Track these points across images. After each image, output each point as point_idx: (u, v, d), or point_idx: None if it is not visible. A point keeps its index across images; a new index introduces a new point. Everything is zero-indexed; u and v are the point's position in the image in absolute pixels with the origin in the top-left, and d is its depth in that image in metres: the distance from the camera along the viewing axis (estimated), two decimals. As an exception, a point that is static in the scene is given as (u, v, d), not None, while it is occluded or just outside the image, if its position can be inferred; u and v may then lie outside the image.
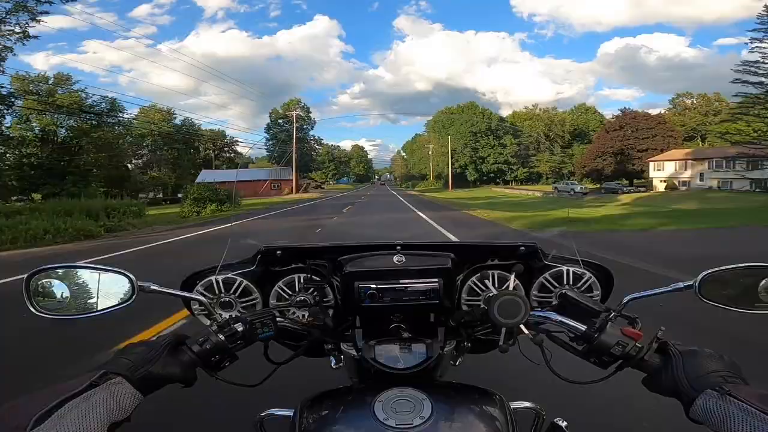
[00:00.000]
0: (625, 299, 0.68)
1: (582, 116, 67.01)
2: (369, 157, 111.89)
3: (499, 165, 65.09)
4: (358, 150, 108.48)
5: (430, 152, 71.80)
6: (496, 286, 0.82)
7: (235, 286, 0.81)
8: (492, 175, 65.60)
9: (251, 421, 0.81)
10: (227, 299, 0.81)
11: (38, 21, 20.23)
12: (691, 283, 0.66)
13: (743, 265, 0.68)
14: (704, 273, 0.67)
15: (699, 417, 0.52)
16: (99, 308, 0.65)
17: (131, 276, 0.65)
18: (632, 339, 0.61)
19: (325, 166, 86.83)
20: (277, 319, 0.70)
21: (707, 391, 0.52)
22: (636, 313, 0.67)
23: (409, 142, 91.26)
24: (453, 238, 8.44)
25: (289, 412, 0.71)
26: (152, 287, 0.66)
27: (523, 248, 0.83)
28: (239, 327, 0.65)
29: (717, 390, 0.51)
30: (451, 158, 65.56)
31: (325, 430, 0.61)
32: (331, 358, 0.87)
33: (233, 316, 0.68)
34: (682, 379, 0.55)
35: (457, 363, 0.86)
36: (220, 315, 0.75)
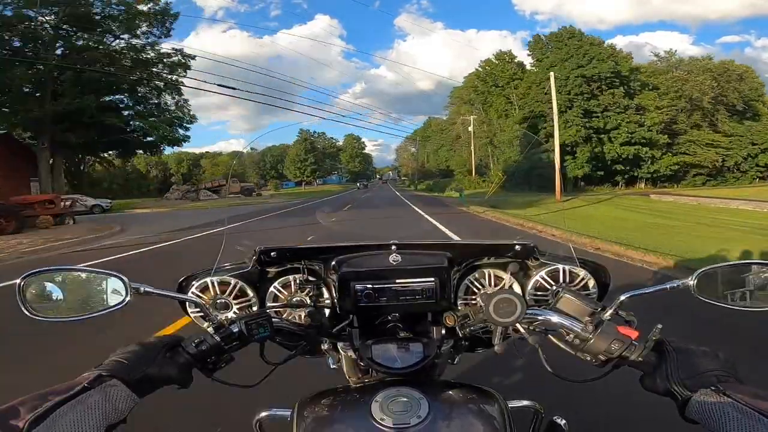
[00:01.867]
0: (621, 297, 0.68)
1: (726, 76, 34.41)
2: (366, 151, 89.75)
3: (637, 147, 32.03)
4: (352, 141, 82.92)
5: (470, 128, 37.07)
6: (493, 284, 0.82)
7: (230, 288, 0.81)
8: (618, 166, 33.01)
9: (250, 421, 0.81)
10: (223, 300, 0.81)
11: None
12: (687, 280, 0.66)
13: (738, 262, 0.69)
14: (700, 270, 0.67)
15: (694, 416, 0.52)
16: (93, 310, 0.65)
17: (124, 278, 0.65)
18: (628, 337, 0.61)
19: (301, 159, 66.14)
20: (273, 319, 0.70)
21: (702, 391, 0.52)
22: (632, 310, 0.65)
23: (419, 130, 65.38)
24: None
25: (288, 412, 0.71)
26: (146, 289, 0.66)
27: (518, 247, 0.83)
28: (235, 328, 0.66)
29: (712, 389, 0.51)
30: (538, 130, 31.07)
31: (323, 430, 0.61)
32: (329, 358, 0.87)
33: (229, 317, 0.68)
34: (676, 379, 0.55)
35: (455, 362, 0.85)
36: (216, 316, 0.74)
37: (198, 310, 0.78)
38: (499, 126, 37.76)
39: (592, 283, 0.81)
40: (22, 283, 0.63)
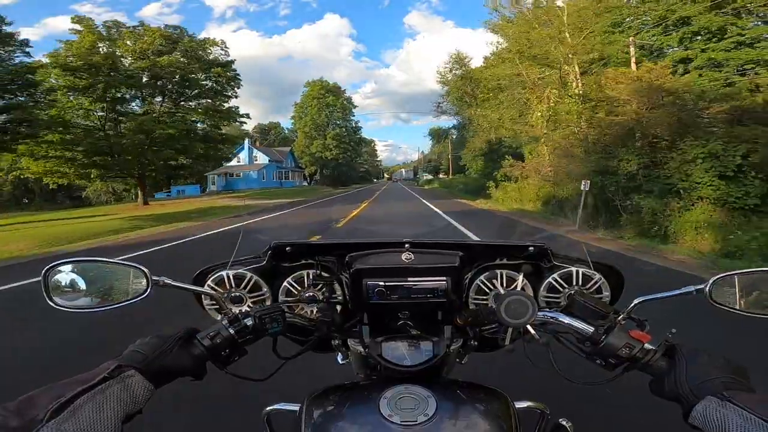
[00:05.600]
0: (635, 301, 0.68)
1: None
2: (369, 141, 64.70)
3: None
4: (320, 91, 42.08)
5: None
6: (504, 285, 0.82)
7: (245, 281, 0.82)
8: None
9: (259, 414, 0.83)
10: (238, 294, 0.82)
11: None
12: (702, 286, 0.66)
13: (755, 269, 0.68)
14: (716, 277, 0.66)
15: (697, 423, 0.52)
16: (114, 302, 0.67)
17: (145, 270, 0.66)
18: (639, 341, 0.61)
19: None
20: (286, 314, 0.71)
21: (707, 398, 0.52)
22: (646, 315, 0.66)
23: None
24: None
25: (296, 407, 0.72)
26: (165, 281, 0.68)
27: (532, 248, 0.82)
28: (249, 322, 0.67)
29: (718, 396, 0.51)
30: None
31: (330, 425, 0.62)
32: (338, 354, 0.88)
33: (243, 311, 0.69)
34: (684, 384, 0.55)
35: (463, 361, 0.86)
36: (231, 310, 0.76)
37: (213, 303, 0.80)
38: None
39: (605, 286, 0.81)
40: (47, 273, 0.65)
